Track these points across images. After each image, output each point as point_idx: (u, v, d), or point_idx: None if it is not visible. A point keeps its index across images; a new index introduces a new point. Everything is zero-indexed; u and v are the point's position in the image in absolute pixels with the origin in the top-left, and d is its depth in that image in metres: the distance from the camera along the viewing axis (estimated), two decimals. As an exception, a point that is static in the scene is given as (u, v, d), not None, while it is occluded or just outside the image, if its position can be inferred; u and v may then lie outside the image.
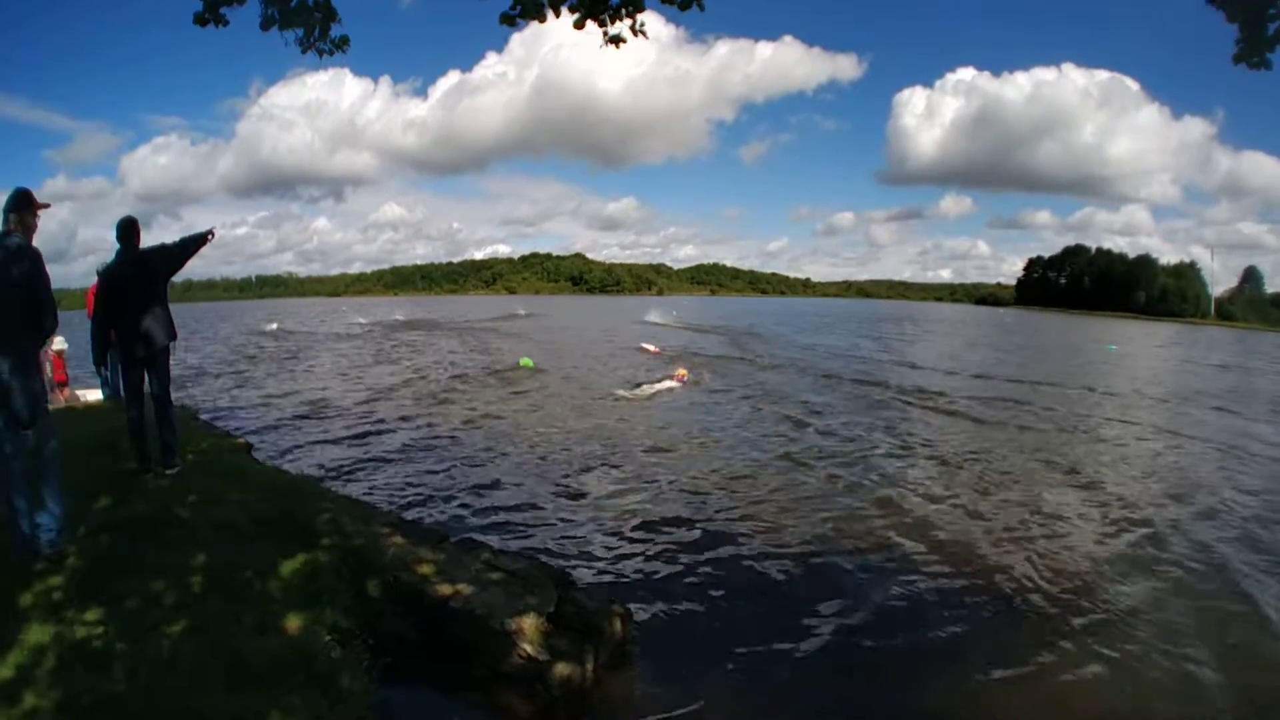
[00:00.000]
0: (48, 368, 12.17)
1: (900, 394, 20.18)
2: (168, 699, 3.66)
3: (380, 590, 5.26)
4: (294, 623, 4.54)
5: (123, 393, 7.23)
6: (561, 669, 4.75)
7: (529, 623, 4.88)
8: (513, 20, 4.77)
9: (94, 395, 12.66)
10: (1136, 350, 44.82)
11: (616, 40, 4.92)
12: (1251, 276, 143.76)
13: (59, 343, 12.30)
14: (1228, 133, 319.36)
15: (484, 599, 5.08)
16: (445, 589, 5.18)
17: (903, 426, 15.27)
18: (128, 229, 6.65)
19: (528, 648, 4.77)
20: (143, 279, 6.66)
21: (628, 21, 4.86)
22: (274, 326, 56.45)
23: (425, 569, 5.43)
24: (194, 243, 7.09)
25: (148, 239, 6.80)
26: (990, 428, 15.46)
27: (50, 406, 11.19)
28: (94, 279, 8.09)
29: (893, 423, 15.67)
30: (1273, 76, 4.00)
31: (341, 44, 5.02)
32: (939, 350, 38.06)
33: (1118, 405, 19.37)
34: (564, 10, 4.79)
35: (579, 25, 4.83)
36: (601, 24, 4.84)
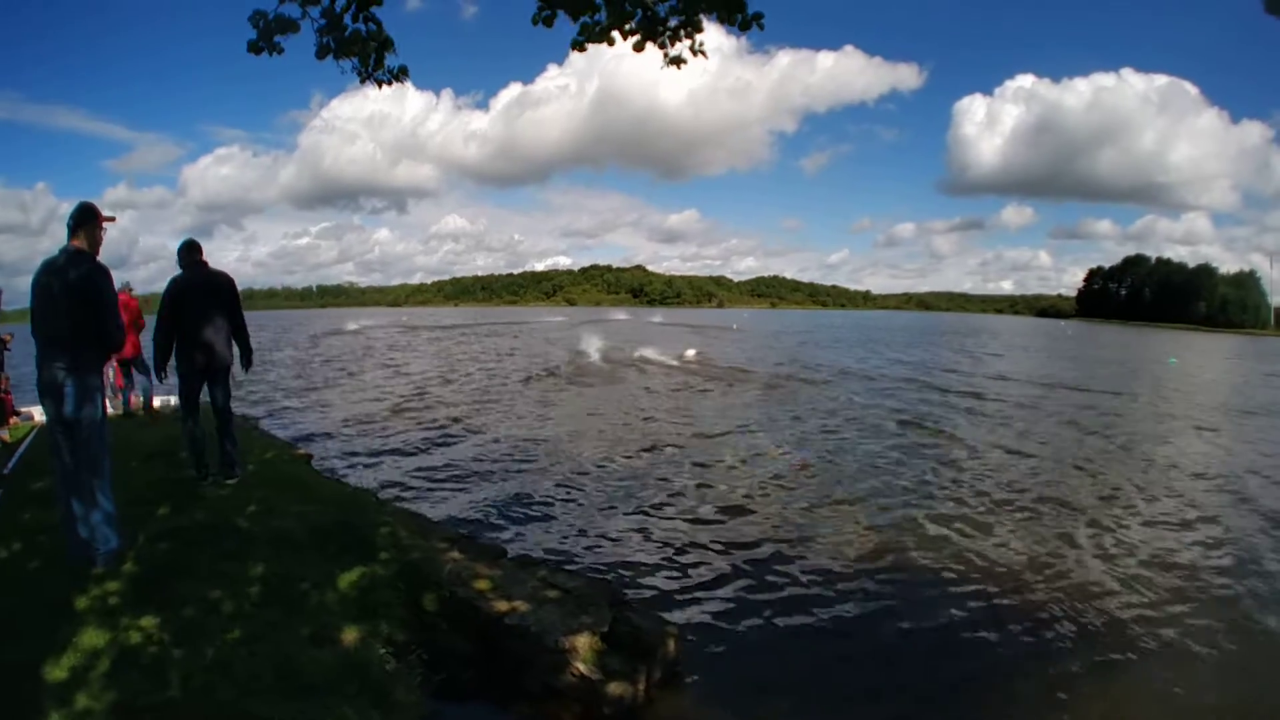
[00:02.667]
0: (109, 372, 12.43)
1: (974, 405, 19.95)
2: (222, 705, 3.66)
3: (436, 604, 5.27)
4: (349, 634, 4.54)
5: (178, 403, 7.29)
6: (614, 688, 4.70)
7: (583, 641, 4.85)
8: (582, 46, 4.76)
9: (159, 401, 12.87)
10: (1202, 363, 43.65)
11: (677, 61, 4.89)
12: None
13: (124, 347, 12.55)
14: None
15: (539, 616, 5.06)
16: (501, 605, 5.18)
17: (976, 440, 14.98)
18: (190, 249, 6.83)
19: (581, 666, 4.73)
20: (210, 292, 6.80)
21: (687, 42, 4.83)
22: (356, 326, 58.20)
23: (482, 584, 5.44)
24: (243, 340, 7.20)
25: (209, 248, 6.95)
26: (1065, 440, 15.17)
27: (112, 411, 11.49)
28: (151, 286, 8.24)
29: (966, 437, 15.39)
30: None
31: (400, 74, 5.03)
32: (1022, 364, 37.43)
33: (1185, 421, 18.78)
34: (621, 34, 4.78)
35: (639, 48, 4.80)
36: (661, 46, 4.82)
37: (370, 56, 4.87)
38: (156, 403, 12.66)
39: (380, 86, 5.05)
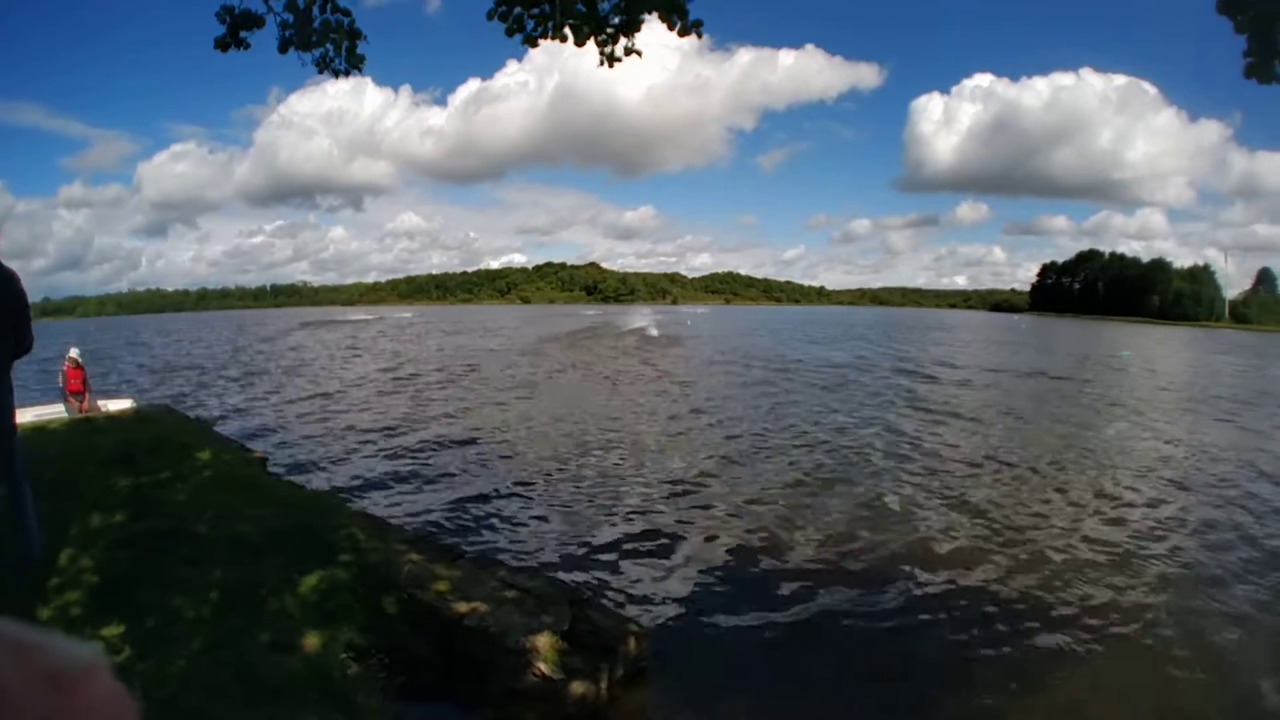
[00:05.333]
0: (60, 378, 12.25)
1: (927, 402, 20.22)
2: (186, 714, 3.66)
3: (396, 607, 5.27)
4: (310, 640, 4.55)
5: None
6: (576, 687, 4.75)
7: (544, 641, 4.89)
8: (535, 42, 4.82)
9: (117, 405, 12.68)
10: (1157, 355, 44.54)
11: (611, 59, 4.96)
12: (1265, 278, 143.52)
13: (74, 353, 12.34)
14: (1245, 134, 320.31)
15: (499, 617, 5.09)
16: (461, 607, 5.20)
17: (927, 435, 15.24)
18: None
19: (543, 666, 4.77)
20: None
21: (624, 42, 4.90)
22: (362, 316, 58.67)
23: (441, 586, 5.45)
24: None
25: (163, 248, 6.57)
26: (1022, 434, 15.51)
27: (67, 415, 11.33)
28: (106, 288, 7.99)
29: (915, 431, 15.68)
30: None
31: (357, 62, 5.03)
32: (987, 357, 37.95)
33: (1138, 413, 19.18)
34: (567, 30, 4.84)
35: (580, 43, 4.86)
36: (601, 44, 4.88)
37: (343, 45, 4.88)
38: (114, 406, 12.50)
39: (338, 77, 5.06)
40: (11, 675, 0.36)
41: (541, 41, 4.88)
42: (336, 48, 4.89)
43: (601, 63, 4.98)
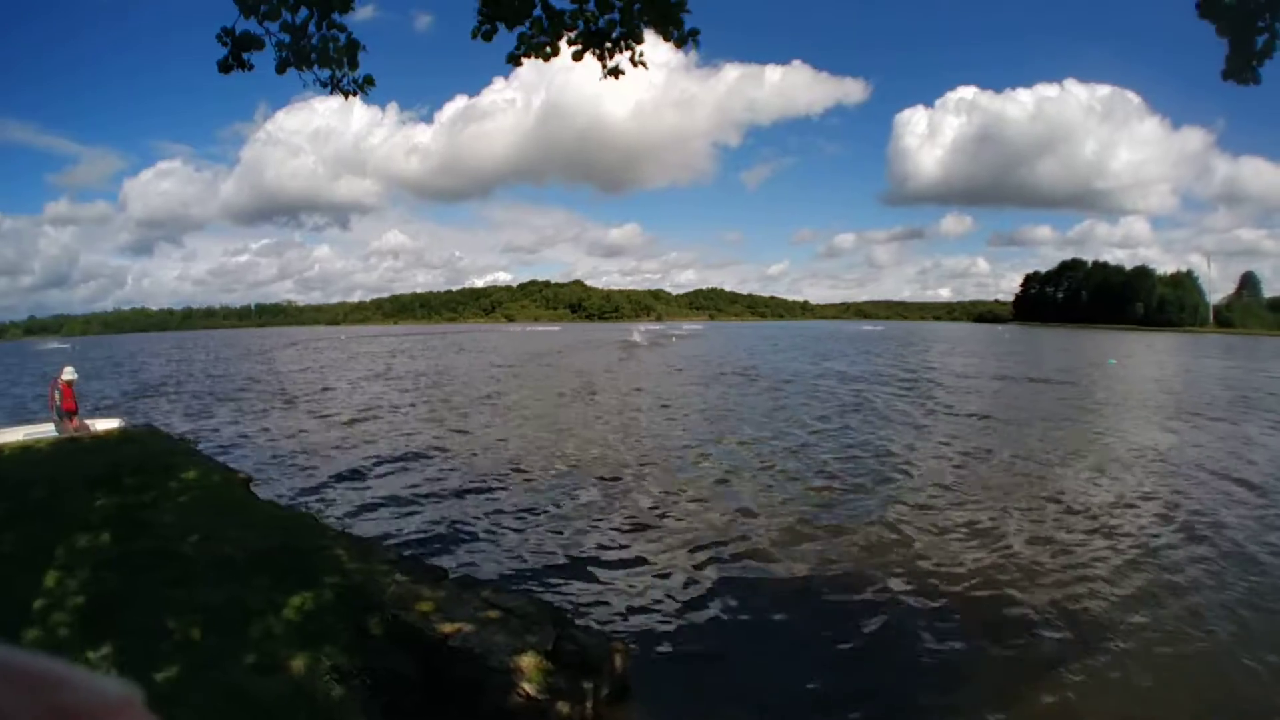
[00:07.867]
0: (56, 396, 12.23)
1: (915, 408, 20.27)
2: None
3: (381, 628, 5.28)
4: (295, 661, 4.57)
5: None
6: (562, 707, 4.78)
7: (528, 661, 4.92)
8: (518, 60, 4.82)
9: (104, 425, 12.65)
10: (1139, 363, 44.63)
11: (615, 72, 4.94)
12: (1249, 282, 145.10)
13: (69, 372, 12.32)
14: (1227, 140, 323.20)
15: (483, 637, 5.11)
16: (445, 627, 5.22)
17: (911, 447, 15.26)
18: None
19: (527, 686, 4.80)
20: None
21: (627, 54, 4.89)
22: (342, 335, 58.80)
23: (425, 606, 5.47)
24: None
25: (149, 266, 6.65)
26: (1011, 442, 15.46)
27: (56, 435, 11.31)
28: (91, 306, 7.97)
29: (899, 442, 15.70)
30: (1272, 80, 4.06)
31: (366, 83, 5.04)
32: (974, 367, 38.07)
33: (1129, 419, 19.25)
34: (563, 45, 4.83)
35: (578, 57, 4.84)
36: (600, 57, 4.88)
37: (344, 61, 4.88)
38: (101, 426, 12.49)
39: (347, 97, 5.05)
40: (20, 713, 0.33)
41: (525, 60, 4.87)
42: (338, 64, 4.88)
43: (605, 75, 4.96)
